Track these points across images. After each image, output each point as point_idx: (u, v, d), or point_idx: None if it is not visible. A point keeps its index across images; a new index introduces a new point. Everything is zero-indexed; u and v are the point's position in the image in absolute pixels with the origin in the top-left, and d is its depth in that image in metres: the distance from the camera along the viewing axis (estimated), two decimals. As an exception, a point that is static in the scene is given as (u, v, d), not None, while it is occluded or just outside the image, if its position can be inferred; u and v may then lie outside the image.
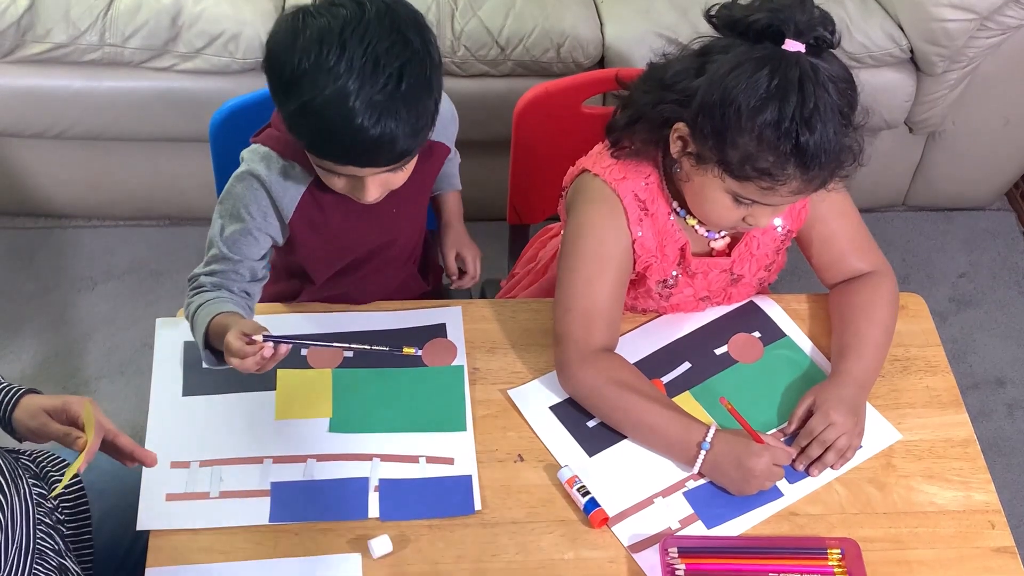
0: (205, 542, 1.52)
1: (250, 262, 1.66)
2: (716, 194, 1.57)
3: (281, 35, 1.44)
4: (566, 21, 2.62)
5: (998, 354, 2.88)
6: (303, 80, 1.40)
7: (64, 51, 2.58)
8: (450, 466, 1.62)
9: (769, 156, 1.47)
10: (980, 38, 2.64)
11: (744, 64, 1.47)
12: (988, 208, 3.23)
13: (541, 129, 2.02)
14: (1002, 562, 1.55)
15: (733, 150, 1.49)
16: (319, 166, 1.53)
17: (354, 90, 1.39)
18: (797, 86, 1.44)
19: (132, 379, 2.67)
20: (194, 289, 1.64)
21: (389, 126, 1.41)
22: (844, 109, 1.48)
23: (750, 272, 1.78)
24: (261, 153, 1.62)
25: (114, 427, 1.47)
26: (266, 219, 1.64)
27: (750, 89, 1.45)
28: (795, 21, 1.47)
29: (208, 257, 1.66)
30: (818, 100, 1.44)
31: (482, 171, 2.74)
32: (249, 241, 1.64)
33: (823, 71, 1.45)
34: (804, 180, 1.50)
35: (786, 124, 1.44)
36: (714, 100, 1.48)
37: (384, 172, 1.52)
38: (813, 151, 1.45)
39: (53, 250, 2.95)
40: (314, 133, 1.45)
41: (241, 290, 1.65)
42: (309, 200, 1.64)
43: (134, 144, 2.80)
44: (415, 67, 1.42)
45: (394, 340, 1.76)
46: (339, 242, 1.73)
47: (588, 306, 1.67)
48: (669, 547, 1.52)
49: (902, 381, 1.75)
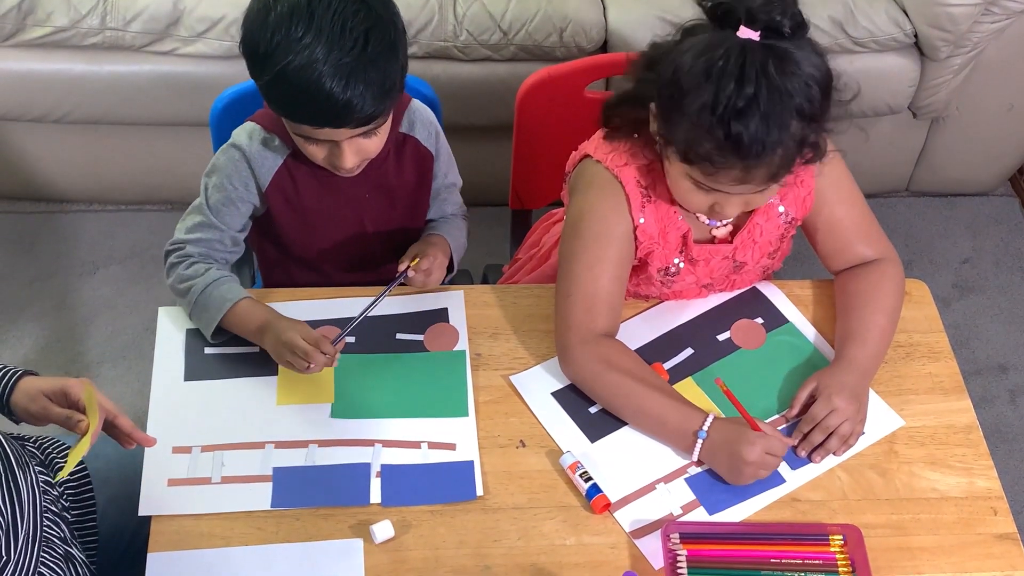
0: (207, 527, 1.52)
1: (232, 232, 1.75)
2: (678, 177, 1.57)
3: (254, 14, 1.54)
4: (569, 5, 2.61)
5: (1001, 340, 2.87)
6: (276, 51, 1.49)
7: (65, 35, 2.57)
8: (452, 452, 1.62)
9: (705, 142, 1.46)
10: (984, 23, 2.63)
11: (698, 47, 1.47)
12: (992, 194, 3.22)
13: (543, 114, 2.01)
14: (1004, 548, 1.55)
15: (678, 131, 1.49)
16: (298, 135, 1.61)
17: (323, 54, 1.47)
18: (736, 73, 1.42)
19: (134, 364, 2.67)
20: (181, 257, 1.71)
21: (358, 87, 1.49)
22: (800, 104, 1.44)
23: (753, 259, 1.77)
24: (248, 128, 1.72)
25: (114, 407, 1.48)
26: (247, 188, 1.73)
27: (693, 71, 1.45)
28: (748, 7, 1.46)
29: (192, 224, 1.73)
30: (759, 89, 1.41)
31: (484, 156, 2.74)
32: (232, 211, 1.73)
33: (778, 62, 1.42)
34: (744, 169, 1.47)
35: (720, 110, 1.43)
36: (667, 79, 1.49)
37: (358, 136, 1.58)
38: (747, 142, 1.43)
39: (54, 235, 2.95)
40: (288, 99, 1.54)
41: (225, 261, 1.75)
42: (284, 173, 1.73)
43: (135, 128, 2.79)
44: (380, 32, 1.51)
45: (394, 325, 1.76)
46: (311, 217, 1.79)
47: (589, 291, 1.66)
48: (671, 533, 1.52)
49: (905, 367, 1.75)
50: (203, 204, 1.73)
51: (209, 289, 1.67)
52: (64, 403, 1.46)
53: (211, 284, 1.67)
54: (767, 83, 1.42)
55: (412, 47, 2.61)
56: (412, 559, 1.51)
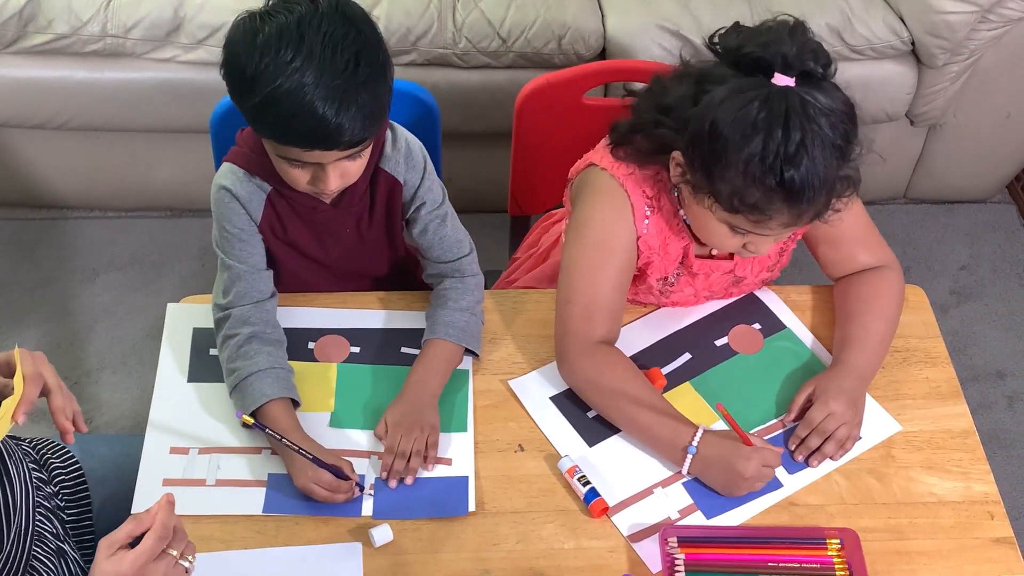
0: (206, 530, 1.53)
1: (258, 272, 1.70)
2: (712, 223, 1.57)
3: (240, 36, 1.50)
4: (567, 13, 2.62)
5: (998, 346, 2.88)
6: (265, 74, 1.45)
7: (66, 42, 2.58)
8: (448, 467, 1.62)
9: (756, 191, 1.47)
10: (981, 30, 2.64)
11: (733, 96, 1.47)
12: (989, 201, 3.23)
13: (542, 121, 2.02)
14: (1001, 553, 1.55)
15: (722, 183, 1.49)
16: (282, 158, 1.57)
17: (314, 76, 1.45)
18: (783, 120, 1.43)
19: (134, 369, 2.68)
20: (232, 330, 1.67)
21: (350, 109, 1.47)
22: (838, 142, 1.46)
23: (752, 273, 1.78)
24: (226, 168, 1.69)
25: (54, 380, 1.38)
26: (249, 223, 1.69)
27: (736, 123, 1.46)
28: (783, 54, 1.47)
29: (224, 286, 1.70)
30: (805, 135, 1.43)
31: (483, 163, 2.75)
32: (244, 247, 1.69)
33: (813, 104, 1.45)
34: (793, 214, 1.49)
35: (770, 159, 1.44)
36: (703, 132, 1.49)
37: (343, 159, 1.55)
38: (799, 186, 1.45)
39: (55, 241, 2.96)
40: (279, 122, 1.50)
41: (272, 327, 1.70)
42: (270, 208, 1.70)
43: (136, 135, 2.80)
44: (369, 54, 1.49)
45: (400, 338, 1.77)
46: (300, 249, 1.77)
47: (590, 298, 1.67)
48: (669, 537, 1.52)
49: (902, 372, 1.76)
50: (222, 259, 1.70)
51: (252, 378, 1.62)
52: (7, 373, 1.40)
53: (255, 374, 1.63)
54: (811, 127, 1.44)
55: (412, 54, 2.62)
56: (411, 563, 1.51)
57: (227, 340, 1.67)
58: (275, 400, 1.61)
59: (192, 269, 2.91)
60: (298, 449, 1.51)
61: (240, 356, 1.65)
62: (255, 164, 1.66)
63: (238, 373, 1.63)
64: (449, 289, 1.76)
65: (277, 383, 1.63)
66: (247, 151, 1.67)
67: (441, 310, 1.73)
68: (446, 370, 1.70)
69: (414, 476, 1.59)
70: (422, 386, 1.67)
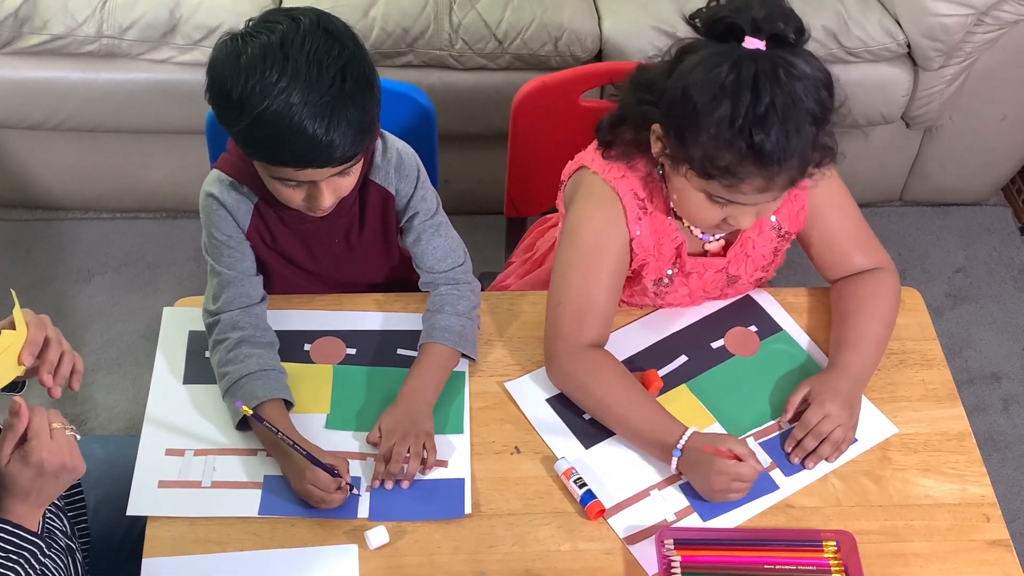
0: (202, 532, 1.53)
1: (247, 278, 1.70)
2: (691, 193, 1.57)
3: (223, 58, 1.48)
4: (564, 14, 2.62)
5: (994, 349, 2.88)
6: (251, 96, 1.44)
7: (62, 43, 2.57)
8: (443, 469, 1.62)
9: (726, 154, 1.47)
10: (977, 33, 2.64)
11: (704, 61, 1.48)
12: (984, 203, 3.23)
13: (539, 122, 2.02)
14: (997, 555, 1.55)
15: (695, 148, 1.50)
16: (275, 178, 1.56)
17: (301, 94, 1.44)
18: (751, 83, 1.43)
19: (129, 371, 2.68)
20: (222, 334, 1.67)
21: (340, 125, 1.46)
22: (811, 107, 1.46)
23: (746, 273, 1.78)
24: (214, 176, 1.69)
25: (54, 333, 1.36)
26: (237, 230, 1.69)
27: (705, 86, 1.46)
28: (753, 17, 1.47)
29: (214, 292, 1.70)
30: (775, 98, 1.43)
31: (479, 164, 2.75)
32: (233, 254, 1.69)
33: (786, 68, 1.45)
34: (766, 178, 1.49)
35: (739, 121, 1.44)
36: (676, 98, 1.49)
37: (336, 174, 1.54)
38: (769, 150, 1.45)
39: (50, 242, 2.95)
40: (269, 142, 1.49)
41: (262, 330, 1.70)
42: (257, 218, 1.70)
43: (131, 136, 2.80)
44: (355, 68, 1.48)
45: (396, 340, 1.77)
46: (290, 258, 1.77)
47: (581, 302, 1.67)
48: (665, 539, 1.52)
49: (898, 375, 1.76)
50: (212, 265, 1.70)
51: (243, 381, 1.62)
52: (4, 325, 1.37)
53: (246, 376, 1.62)
54: (781, 90, 1.44)
55: (408, 56, 2.62)
56: (407, 565, 1.51)
57: (217, 345, 1.67)
58: (267, 402, 1.61)
59: (187, 270, 2.90)
60: (293, 444, 1.51)
61: (230, 360, 1.64)
62: (243, 173, 1.65)
63: (229, 377, 1.63)
64: (446, 294, 1.76)
65: (267, 385, 1.62)
66: (236, 159, 1.66)
67: (438, 315, 1.73)
68: (442, 377, 1.70)
69: (411, 481, 1.59)
70: (418, 394, 1.66)
